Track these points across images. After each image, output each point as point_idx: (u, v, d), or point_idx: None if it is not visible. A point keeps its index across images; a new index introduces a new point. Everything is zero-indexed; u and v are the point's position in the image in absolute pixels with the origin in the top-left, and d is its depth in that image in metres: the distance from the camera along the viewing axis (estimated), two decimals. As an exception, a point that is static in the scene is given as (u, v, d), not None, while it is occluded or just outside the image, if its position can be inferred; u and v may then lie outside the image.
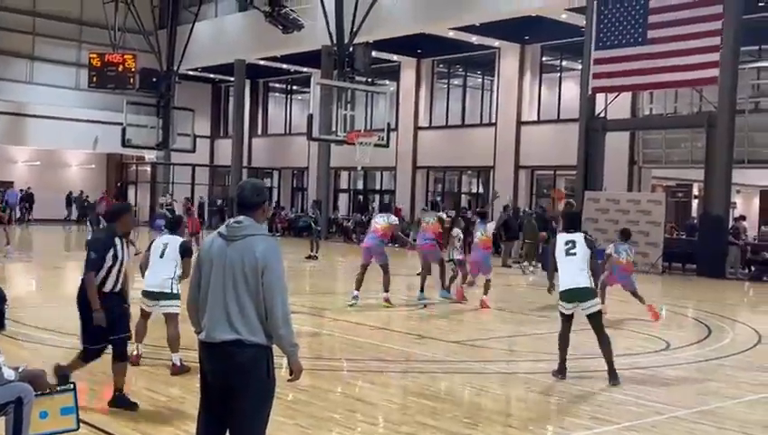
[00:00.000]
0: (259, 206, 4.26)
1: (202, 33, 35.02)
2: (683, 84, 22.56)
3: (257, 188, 4.32)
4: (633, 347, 10.56)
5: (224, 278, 4.14)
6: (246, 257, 4.09)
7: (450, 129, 32.66)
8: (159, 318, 10.39)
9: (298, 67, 36.84)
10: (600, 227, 22.99)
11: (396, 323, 12.05)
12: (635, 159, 26.46)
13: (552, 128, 28.84)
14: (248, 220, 4.20)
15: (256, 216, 4.22)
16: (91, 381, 7.45)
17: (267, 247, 4.14)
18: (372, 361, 9.28)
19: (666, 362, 9.75)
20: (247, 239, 4.14)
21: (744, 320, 13.99)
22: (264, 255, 4.10)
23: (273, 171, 41.07)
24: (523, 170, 30.12)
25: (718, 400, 7.78)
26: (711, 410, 7.36)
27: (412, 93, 33.45)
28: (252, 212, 4.22)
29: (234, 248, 4.15)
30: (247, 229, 4.17)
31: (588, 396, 7.80)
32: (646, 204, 22.84)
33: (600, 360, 8.46)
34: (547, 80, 30.33)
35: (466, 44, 29.99)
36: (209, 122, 42.71)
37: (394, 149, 31.07)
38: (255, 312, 4.12)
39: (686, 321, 13.96)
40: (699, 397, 7.91)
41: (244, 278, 4.09)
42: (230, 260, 4.13)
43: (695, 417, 7.06)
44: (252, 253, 4.10)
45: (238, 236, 4.16)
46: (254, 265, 4.08)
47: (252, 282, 4.09)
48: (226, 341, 4.12)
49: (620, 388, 8.13)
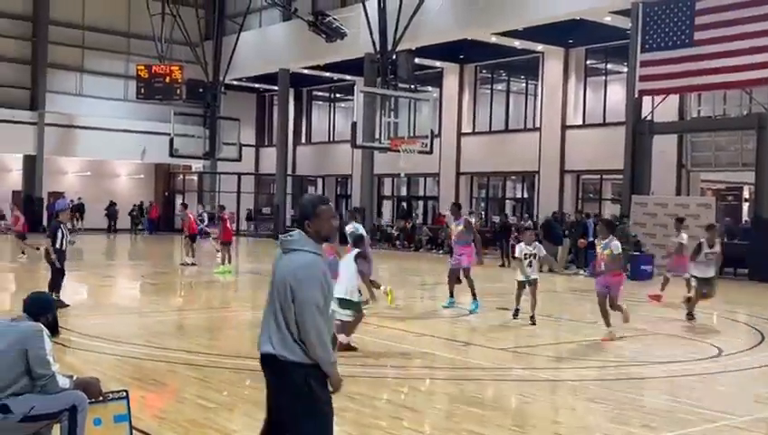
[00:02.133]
0: (305, 219, 4.21)
1: (247, 44, 35.43)
2: (732, 86, 22.16)
3: (305, 202, 4.29)
4: (685, 354, 10.38)
5: (273, 290, 4.17)
6: (286, 272, 4.10)
7: (494, 134, 32.52)
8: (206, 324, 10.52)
9: (341, 75, 37.06)
10: (648, 231, 22.66)
11: (441, 330, 12.01)
12: (683, 163, 26.03)
13: (597, 132, 28.54)
14: (298, 234, 4.19)
15: (305, 228, 4.19)
16: (142, 389, 7.58)
17: (303, 265, 4.09)
18: (418, 368, 9.27)
19: (718, 368, 9.57)
20: (291, 254, 4.15)
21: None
22: (297, 272, 4.07)
23: (317, 179, 41.33)
24: (569, 175, 29.84)
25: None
26: (765, 417, 7.21)
27: (455, 99, 33.39)
28: (301, 225, 4.22)
29: (283, 261, 4.18)
30: (294, 243, 4.17)
31: (637, 403, 7.69)
32: (695, 208, 22.44)
33: (651, 367, 8.32)
34: (592, 83, 30.03)
35: (509, 49, 29.86)
36: (254, 131, 43.15)
37: (437, 156, 31.03)
38: (287, 326, 4.09)
39: (738, 327, 13.68)
40: (753, 404, 7.75)
41: (284, 293, 4.08)
42: (279, 273, 4.16)
43: (748, 425, 6.92)
44: (290, 268, 4.10)
45: (287, 250, 4.19)
46: (288, 281, 4.07)
47: (288, 298, 4.07)
48: (266, 354, 4.15)
49: (671, 395, 8.00)
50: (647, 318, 13.34)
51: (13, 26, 36.42)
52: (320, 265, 4.16)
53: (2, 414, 4.76)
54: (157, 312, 13.49)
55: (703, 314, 13.56)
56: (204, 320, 12.83)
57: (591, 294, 11.93)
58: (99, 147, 37.74)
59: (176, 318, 13.00)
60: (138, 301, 15.24)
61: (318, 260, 4.17)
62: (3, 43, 35.76)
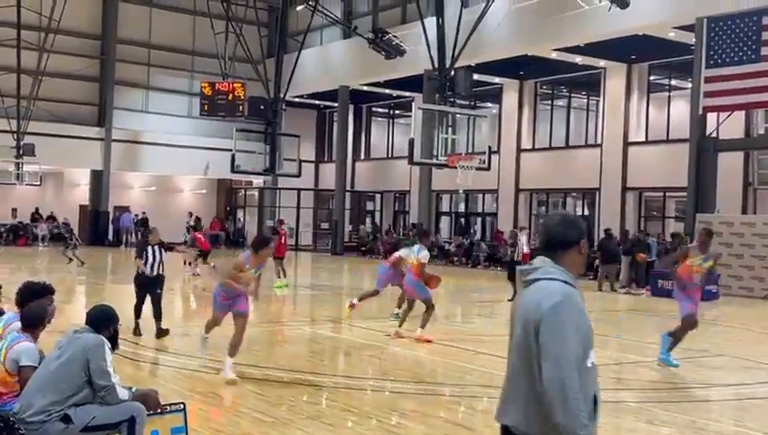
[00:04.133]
0: (570, 244, 3.18)
1: (307, 61, 35.86)
2: (801, 101, 21.53)
3: (566, 221, 3.25)
4: (750, 378, 10.07)
5: (512, 336, 3.19)
6: (529, 308, 3.06)
7: (554, 150, 32.21)
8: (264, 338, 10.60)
9: (400, 92, 37.22)
10: (713, 250, 22.08)
11: (500, 348, 11.88)
12: (749, 181, 25.37)
13: (660, 148, 28.03)
14: (543, 261, 3.17)
15: (564, 258, 3.17)
16: (200, 401, 7.68)
17: (549, 297, 3.01)
18: (475, 386, 9.19)
19: (785, 394, 9.25)
20: (535, 285, 3.12)
21: None
22: (541, 305, 3.00)
23: (376, 195, 41.50)
24: (631, 192, 29.35)
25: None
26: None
27: (515, 115, 33.19)
28: (556, 252, 3.18)
29: (524, 296, 3.16)
30: (537, 272, 3.14)
31: (701, 427, 7.48)
32: (761, 227, 21.83)
33: (716, 389, 8.10)
34: (655, 99, 29.52)
35: (570, 65, 29.58)
36: (314, 147, 43.58)
37: (496, 172, 30.86)
38: (527, 382, 3.04)
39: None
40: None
41: (522, 338, 3.07)
42: (518, 311, 3.16)
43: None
44: (532, 303, 3.05)
45: (529, 282, 3.16)
46: (529, 319, 3.04)
47: (528, 344, 3.04)
48: (502, 425, 3.16)
49: (737, 420, 7.76)
50: (711, 339, 13.00)
51: (82, 45, 37.58)
52: (575, 297, 3.07)
53: (64, 424, 4.88)
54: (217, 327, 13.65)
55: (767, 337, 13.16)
56: (261, 334, 12.95)
57: (651, 313, 11.70)
58: (163, 162, 38.64)
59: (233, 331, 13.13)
60: (197, 313, 15.48)
61: (573, 292, 3.09)
62: (72, 61, 36.92)
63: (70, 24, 35.17)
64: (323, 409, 7.74)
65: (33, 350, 5.29)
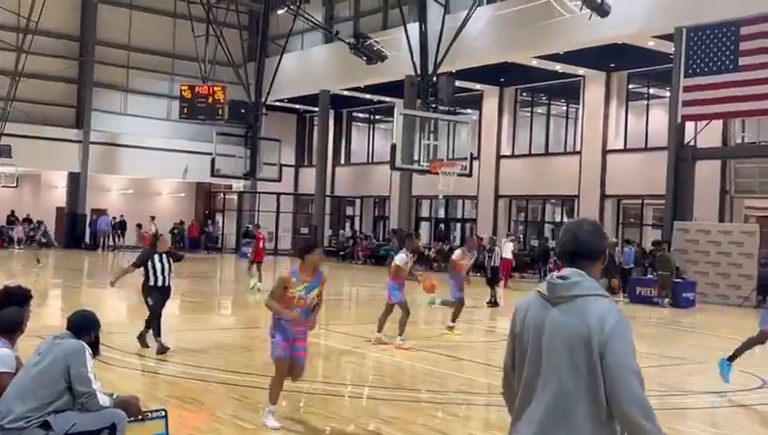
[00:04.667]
0: (600, 254, 2.99)
1: (289, 65, 35.81)
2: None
3: (598, 229, 3.03)
4: (724, 384, 10.17)
5: (539, 356, 2.90)
6: (576, 328, 2.82)
7: (533, 157, 32.38)
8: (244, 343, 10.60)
9: (381, 97, 37.25)
10: (690, 258, 22.34)
11: (479, 355, 11.94)
12: (726, 189, 25.65)
13: (639, 156, 28.26)
14: (579, 275, 2.91)
15: (593, 269, 2.96)
16: (180, 407, 7.64)
17: (608, 313, 2.82)
18: (454, 392, 9.21)
19: (761, 399, 9.36)
20: (578, 302, 2.86)
21: None
22: (603, 323, 2.79)
23: (355, 200, 41.49)
24: (609, 200, 29.55)
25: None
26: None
27: (495, 122, 33.34)
28: (586, 262, 2.95)
29: (558, 314, 2.88)
30: (577, 287, 2.88)
31: (677, 434, 7.56)
32: (738, 235, 22.09)
33: (692, 397, 8.17)
34: (634, 107, 29.78)
35: (550, 73, 29.77)
36: (294, 152, 43.51)
37: (476, 178, 30.96)
38: (586, 409, 2.79)
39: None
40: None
41: (571, 358, 2.81)
42: (550, 331, 2.88)
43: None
44: (584, 321, 2.81)
45: (565, 298, 2.89)
46: (586, 338, 2.79)
47: (582, 364, 2.79)
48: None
49: (713, 426, 7.84)
50: (688, 346, 13.11)
51: (60, 46, 37.28)
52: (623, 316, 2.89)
53: (43, 430, 4.84)
54: (195, 330, 13.61)
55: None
56: (241, 339, 12.91)
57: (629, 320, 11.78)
58: (141, 165, 38.39)
59: (214, 336, 13.09)
60: (177, 318, 15.40)
61: (621, 311, 2.91)
62: (50, 62, 36.62)
63: (48, 24, 34.86)
64: (303, 415, 7.72)
65: (9, 356, 5.24)
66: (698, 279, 21.76)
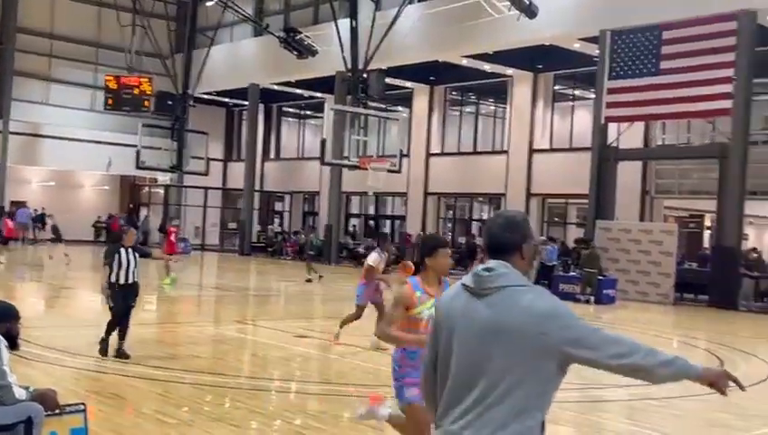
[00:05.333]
0: (515, 248, 2.92)
1: (217, 58, 35.34)
2: (696, 115, 22.59)
3: (511, 223, 2.98)
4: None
5: (468, 349, 2.83)
6: (505, 318, 2.77)
7: (462, 155, 32.74)
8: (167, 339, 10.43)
9: (312, 92, 37.12)
10: (611, 256, 22.92)
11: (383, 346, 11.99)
12: (647, 189, 26.42)
13: (564, 156, 28.87)
14: (505, 267, 2.87)
15: (513, 262, 2.91)
16: (101, 402, 7.47)
17: (538, 298, 2.80)
18: (381, 386, 9.24)
19: (677, 393, 9.67)
20: (505, 292, 2.81)
21: (755, 352, 13.87)
22: (538, 310, 2.76)
23: (285, 195, 41.24)
24: (535, 198, 30.11)
25: (728, 432, 7.71)
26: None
27: (425, 120, 33.59)
28: (505, 256, 2.91)
29: (485, 306, 2.82)
30: (503, 278, 2.84)
31: (598, 427, 7.74)
32: (658, 234, 22.77)
33: (612, 390, 8.39)
34: (559, 108, 30.40)
35: (479, 72, 30.14)
36: (222, 145, 42.98)
37: (406, 175, 31.15)
38: (518, 399, 2.74)
39: (697, 352, 13.84)
40: (709, 429, 7.84)
41: (501, 349, 2.75)
42: (478, 323, 2.81)
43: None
44: (514, 311, 2.77)
45: (491, 289, 2.84)
46: (518, 327, 2.75)
47: (514, 354, 2.74)
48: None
49: (631, 419, 8.07)
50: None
51: (-21, 32, 35.98)
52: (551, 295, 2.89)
53: (-45, 425, 4.66)
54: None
55: (663, 339, 13.73)
56: (165, 334, 12.69)
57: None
58: (64, 157, 37.27)
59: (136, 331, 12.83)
60: (98, 313, 15.04)
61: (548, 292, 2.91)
62: (-31, 49, 35.30)
63: (-34, 9, 33.61)
64: (228, 410, 7.64)
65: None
66: (619, 277, 22.36)
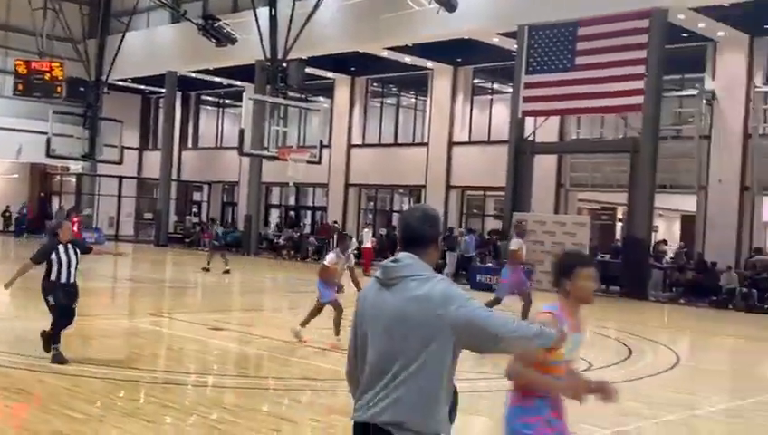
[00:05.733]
0: (431, 241, 3.11)
1: (133, 44, 34.47)
2: (608, 111, 23.24)
3: (429, 217, 3.15)
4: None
5: (379, 338, 3.03)
6: (409, 306, 2.96)
7: (383, 147, 32.84)
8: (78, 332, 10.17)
9: (231, 80, 36.59)
10: (527, 247, 23.34)
11: (327, 340, 11.97)
12: (562, 182, 27.04)
13: (482, 149, 29.27)
14: (410, 258, 3.05)
15: (425, 254, 3.08)
16: (7, 398, 7.22)
17: (437, 283, 3.00)
18: (299, 379, 9.21)
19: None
20: (409, 282, 3.00)
21: (663, 341, 14.38)
22: (437, 297, 2.95)
23: (203, 185, 40.58)
24: (454, 190, 30.46)
25: (636, 420, 7.96)
26: (628, 430, 7.54)
27: (346, 111, 33.53)
28: (418, 248, 3.08)
29: (392, 295, 3.02)
30: (407, 269, 3.03)
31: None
32: (571, 226, 23.34)
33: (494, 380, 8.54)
34: (478, 102, 30.80)
35: (400, 64, 30.26)
36: (138, 134, 41.99)
37: (327, 166, 31.07)
38: (427, 382, 2.95)
39: (608, 341, 14.26)
40: (618, 417, 8.08)
41: (408, 336, 2.95)
42: (386, 312, 3.02)
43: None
44: (417, 299, 2.96)
45: (397, 279, 3.03)
46: (421, 314, 2.94)
47: (420, 340, 2.94)
48: (381, 422, 2.98)
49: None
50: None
51: None
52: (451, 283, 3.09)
53: None
54: (25, 318, 12.86)
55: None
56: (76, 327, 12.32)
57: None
58: (-31, 143, 35.79)
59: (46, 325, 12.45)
60: (5, 305, 14.51)
61: (449, 280, 3.14)
62: None
63: None
64: (141, 405, 7.48)
65: None
66: (534, 268, 22.82)
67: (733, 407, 9.34)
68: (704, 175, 23.65)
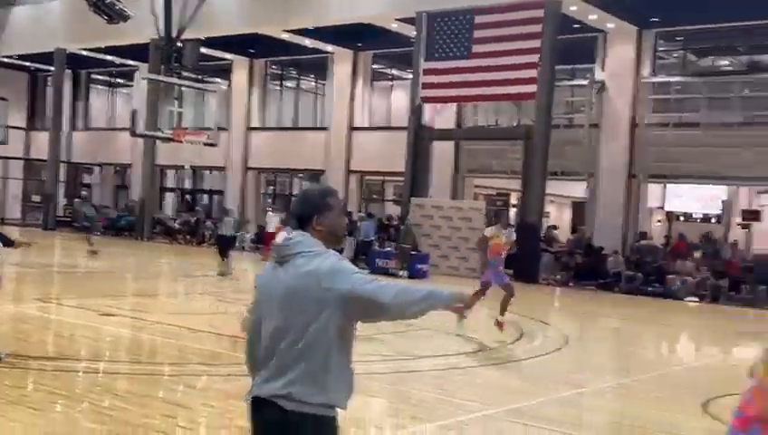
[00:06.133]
0: (310, 218, 3.21)
1: (20, 18, 32.97)
2: (503, 98, 23.77)
3: (307, 197, 3.29)
4: (449, 348, 10.99)
5: (274, 315, 3.13)
6: (300, 281, 3.08)
7: (282, 131, 32.56)
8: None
9: (123, 60, 35.47)
10: (424, 232, 23.74)
11: (222, 325, 11.86)
12: (459, 168, 27.52)
13: (382, 135, 29.43)
14: (301, 235, 3.18)
15: (318, 233, 3.19)
16: None
17: (325, 258, 3.11)
18: (195, 364, 9.10)
19: (480, 362, 10.23)
20: (300, 258, 3.12)
21: (552, 323, 14.91)
22: (324, 271, 3.06)
23: (94, 167, 39.25)
24: (354, 175, 30.54)
25: (527, 398, 8.24)
26: (519, 408, 7.79)
27: (245, 93, 33.05)
28: (306, 226, 3.21)
29: (284, 271, 3.14)
30: (297, 246, 3.15)
31: (406, 396, 8.05)
32: (467, 211, 23.83)
33: (420, 361, 8.71)
34: (378, 87, 30.93)
35: (300, 47, 30.04)
36: (25, 113, 40.21)
37: (225, 149, 30.59)
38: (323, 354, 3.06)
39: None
40: (509, 396, 8.36)
41: (301, 310, 3.06)
42: (279, 289, 3.13)
43: (501, 415, 7.46)
44: (307, 274, 3.07)
45: (288, 256, 3.16)
46: (312, 288, 3.05)
47: (312, 313, 3.04)
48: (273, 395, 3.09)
49: (437, 388, 8.44)
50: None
51: None
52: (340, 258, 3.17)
53: None
54: None
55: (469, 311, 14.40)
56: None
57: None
58: None
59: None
60: None
61: (338, 255, 3.19)
62: None
63: None
64: (29, 392, 7.23)
65: None
66: (432, 252, 23.22)
67: (618, 384, 9.79)
68: (593, 163, 24.53)
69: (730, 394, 9.12)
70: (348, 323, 3.11)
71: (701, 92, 23.92)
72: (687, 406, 8.23)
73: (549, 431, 6.89)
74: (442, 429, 6.86)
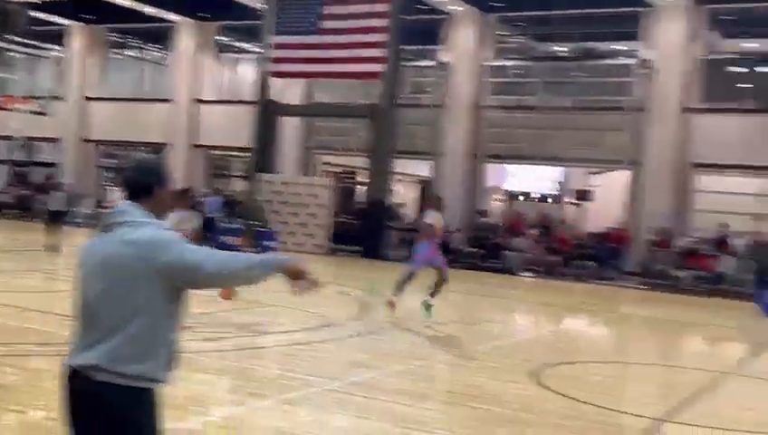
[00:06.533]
0: (148, 190, 3.11)
1: None
2: (350, 76, 23.88)
3: (144, 167, 3.23)
4: (294, 323, 11.00)
5: (94, 285, 3.02)
6: (119, 250, 2.96)
7: (124, 102, 31.23)
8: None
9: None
10: (273, 209, 23.58)
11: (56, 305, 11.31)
12: (308, 145, 27.47)
13: (229, 109, 28.86)
14: (129, 205, 3.08)
15: (147, 203, 3.10)
16: None
17: (147, 228, 3.01)
18: (28, 344, 8.64)
19: (325, 337, 10.30)
20: (123, 228, 3.01)
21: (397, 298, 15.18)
22: (141, 238, 2.96)
23: None
24: (199, 150, 29.79)
25: (369, 371, 8.39)
26: (361, 380, 7.92)
27: (82, 61, 31.41)
28: (140, 198, 3.10)
29: (105, 241, 3.04)
30: (123, 215, 3.05)
31: (248, 372, 7.99)
32: (315, 188, 23.87)
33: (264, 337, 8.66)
34: (226, 60, 30.27)
35: (143, 15, 28.85)
36: None
37: (61, 119, 29.02)
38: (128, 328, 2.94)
39: (347, 299, 14.83)
40: (351, 369, 8.48)
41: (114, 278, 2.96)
42: (98, 258, 3.02)
43: (343, 388, 7.55)
44: (127, 243, 2.96)
45: (112, 225, 3.05)
46: (128, 254, 2.94)
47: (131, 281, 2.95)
48: (84, 365, 2.96)
49: (279, 363, 8.43)
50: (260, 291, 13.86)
51: None
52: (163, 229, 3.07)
53: None
54: None
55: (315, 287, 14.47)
56: None
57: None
58: None
59: None
60: None
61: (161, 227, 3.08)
62: None
63: None
64: None
65: None
66: (281, 228, 23.10)
67: (459, 355, 10.13)
68: (439, 142, 25.15)
69: (561, 363, 9.68)
70: (171, 293, 3.02)
71: (538, 77, 25.03)
72: (518, 375, 8.64)
73: (391, 403, 7.04)
74: (283, 404, 6.85)
